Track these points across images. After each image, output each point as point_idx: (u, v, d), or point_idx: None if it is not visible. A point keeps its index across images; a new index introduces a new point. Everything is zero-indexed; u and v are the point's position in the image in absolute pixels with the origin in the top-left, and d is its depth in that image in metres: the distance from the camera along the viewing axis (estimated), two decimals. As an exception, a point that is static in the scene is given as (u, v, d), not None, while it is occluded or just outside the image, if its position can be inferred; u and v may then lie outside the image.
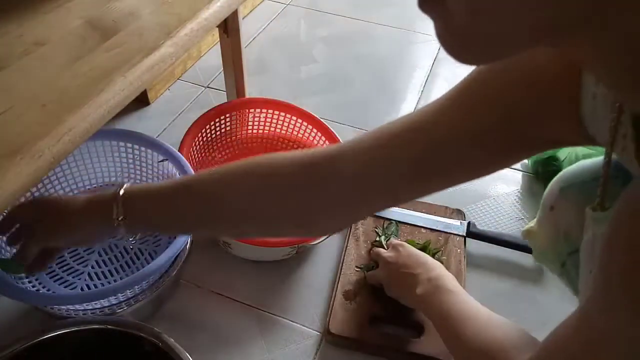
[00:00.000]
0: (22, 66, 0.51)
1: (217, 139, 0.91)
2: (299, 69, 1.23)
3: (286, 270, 0.80)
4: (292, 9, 1.45)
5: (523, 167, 1.00)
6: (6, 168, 0.41)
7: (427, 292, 0.61)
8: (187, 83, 1.16)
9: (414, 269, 0.65)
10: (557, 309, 0.77)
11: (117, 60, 0.53)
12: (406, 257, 0.68)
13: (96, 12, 0.59)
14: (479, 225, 0.88)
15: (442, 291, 0.60)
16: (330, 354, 0.70)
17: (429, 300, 0.60)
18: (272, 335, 0.72)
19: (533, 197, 0.94)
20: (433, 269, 0.64)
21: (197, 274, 0.78)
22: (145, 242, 0.75)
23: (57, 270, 0.70)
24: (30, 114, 0.46)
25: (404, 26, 1.40)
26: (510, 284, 0.80)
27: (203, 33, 0.62)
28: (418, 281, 0.63)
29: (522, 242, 0.78)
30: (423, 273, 0.64)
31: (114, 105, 0.49)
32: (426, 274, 0.63)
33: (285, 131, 0.94)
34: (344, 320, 0.71)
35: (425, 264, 0.65)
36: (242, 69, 0.92)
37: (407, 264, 0.67)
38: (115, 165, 0.80)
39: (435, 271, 0.64)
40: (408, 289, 0.64)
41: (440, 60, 1.28)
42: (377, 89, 1.18)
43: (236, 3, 0.68)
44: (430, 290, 0.61)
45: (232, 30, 0.85)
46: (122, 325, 0.56)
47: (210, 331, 0.72)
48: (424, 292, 0.61)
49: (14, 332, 0.68)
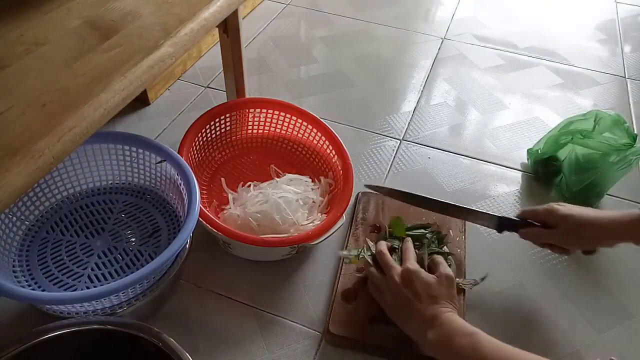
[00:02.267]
0: (22, 66, 0.50)
1: (217, 139, 0.91)
2: (299, 69, 1.23)
3: (286, 270, 0.80)
4: (292, 9, 1.45)
5: (523, 167, 1.01)
6: (6, 168, 0.41)
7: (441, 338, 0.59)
8: (187, 83, 1.16)
9: (425, 305, 0.63)
10: (558, 309, 0.77)
11: (117, 60, 0.53)
12: (419, 288, 0.64)
13: (96, 12, 0.59)
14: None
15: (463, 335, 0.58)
16: (330, 354, 0.70)
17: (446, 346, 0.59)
18: (272, 335, 0.72)
19: (533, 197, 0.95)
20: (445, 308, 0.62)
21: (197, 274, 0.78)
22: (145, 243, 0.75)
23: (57, 273, 0.70)
24: (30, 114, 0.45)
25: (404, 26, 1.40)
26: (511, 283, 0.80)
27: (203, 33, 0.62)
28: (429, 324, 0.61)
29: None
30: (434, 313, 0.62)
31: (114, 105, 0.49)
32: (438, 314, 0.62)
33: (285, 131, 0.94)
34: (343, 320, 0.71)
35: (437, 300, 0.63)
36: (242, 69, 0.92)
37: (420, 296, 0.64)
38: (112, 167, 0.80)
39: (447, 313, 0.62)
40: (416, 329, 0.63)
41: (440, 60, 1.28)
42: (377, 89, 1.18)
43: (236, 3, 0.68)
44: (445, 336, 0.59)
45: (232, 30, 0.85)
46: (122, 326, 0.56)
47: (210, 331, 0.72)
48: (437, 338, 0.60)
49: (14, 332, 0.68)
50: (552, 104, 1.17)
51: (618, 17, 1.52)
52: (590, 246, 0.73)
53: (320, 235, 0.73)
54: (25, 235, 0.74)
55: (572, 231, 0.69)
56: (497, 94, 1.18)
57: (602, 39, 1.41)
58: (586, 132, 0.87)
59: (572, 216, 0.69)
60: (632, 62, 1.32)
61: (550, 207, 0.71)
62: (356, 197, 0.89)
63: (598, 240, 0.71)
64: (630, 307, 0.78)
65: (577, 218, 0.69)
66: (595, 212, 0.69)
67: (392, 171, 0.98)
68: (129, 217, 0.79)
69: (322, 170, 0.89)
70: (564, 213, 0.69)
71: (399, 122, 1.09)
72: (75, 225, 0.77)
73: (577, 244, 0.72)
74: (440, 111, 1.12)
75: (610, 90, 1.22)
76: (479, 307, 0.76)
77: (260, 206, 0.78)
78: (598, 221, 0.68)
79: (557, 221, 0.70)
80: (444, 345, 0.59)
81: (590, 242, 0.72)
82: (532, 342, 0.73)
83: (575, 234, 0.69)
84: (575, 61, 1.31)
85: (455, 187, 0.95)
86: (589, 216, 0.69)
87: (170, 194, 0.80)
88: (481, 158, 1.02)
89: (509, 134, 1.08)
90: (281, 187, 0.82)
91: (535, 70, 1.27)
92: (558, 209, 0.70)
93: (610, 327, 0.75)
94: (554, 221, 0.70)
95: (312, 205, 0.82)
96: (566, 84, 1.23)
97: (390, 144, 1.04)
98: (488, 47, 1.34)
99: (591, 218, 0.69)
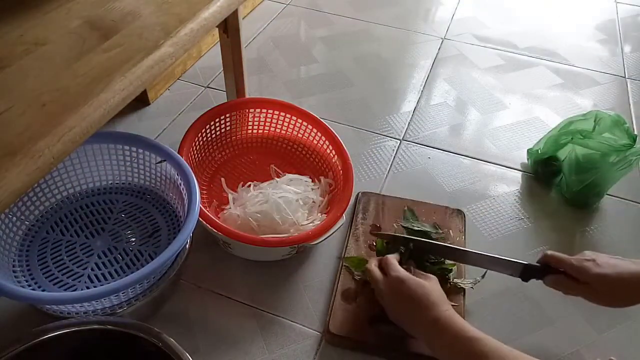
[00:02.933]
0: (22, 66, 0.50)
1: (217, 139, 0.91)
2: (299, 69, 1.23)
3: (286, 270, 0.80)
4: (292, 9, 1.45)
5: (523, 167, 1.01)
6: (6, 168, 0.41)
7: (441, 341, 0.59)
8: (187, 83, 1.16)
9: (419, 313, 0.62)
10: (558, 309, 0.77)
11: (117, 60, 0.53)
12: (410, 296, 0.64)
13: (96, 12, 0.59)
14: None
15: (465, 339, 0.57)
16: (331, 354, 0.70)
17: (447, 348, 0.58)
18: (272, 335, 0.72)
19: (533, 197, 0.95)
20: (440, 313, 0.61)
21: (197, 274, 0.78)
22: (145, 243, 0.75)
23: (56, 273, 0.70)
24: (30, 114, 0.45)
25: (404, 26, 1.40)
26: (511, 283, 0.80)
27: (203, 33, 0.62)
28: (428, 328, 0.61)
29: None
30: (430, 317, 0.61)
31: (114, 105, 0.49)
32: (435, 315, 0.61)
33: (285, 131, 0.94)
34: (343, 320, 0.71)
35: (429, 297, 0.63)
36: (242, 69, 0.92)
37: (413, 302, 0.63)
38: (112, 167, 0.79)
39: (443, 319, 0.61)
40: (415, 329, 0.63)
41: (440, 60, 1.28)
42: (377, 89, 1.18)
43: (236, 3, 0.68)
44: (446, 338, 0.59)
45: (232, 30, 0.85)
46: (122, 326, 0.56)
47: (210, 331, 0.72)
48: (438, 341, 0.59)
49: (14, 332, 0.68)
50: (552, 104, 1.17)
51: (618, 17, 1.52)
52: (625, 305, 0.65)
53: (320, 235, 0.73)
54: (25, 235, 0.74)
55: (606, 293, 0.63)
56: (497, 94, 1.18)
57: (602, 39, 1.41)
58: (586, 133, 0.87)
59: (606, 276, 0.62)
60: (632, 62, 1.32)
61: (580, 265, 0.64)
62: (356, 197, 0.89)
63: (634, 299, 0.63)
64: (630, 307, 0.78)
65: (613, 278, 0.62)
66: (630, 269, 0.62)
67: (392, 171, 0.98)
68: (129, 217, 0.79)
69: (322, 170, 0.89)
70: (597, 273, 0.62)
71: (399, 122, 1.09)
72: (75, 225, 0.77)
73: (610, 303, 0.65)
74: (440, 111, 1.12)
75: (610, 90, 1.22)
76: (479, 308, 0.76)
77: (260, 206, 0.78)
78: (635, 280, 0.61)
79: (590, 280, 0.63)
80: (444, 346, 0.59)
81: (626, 302, 0.64)
82: (532, 343, 0.73)
83: (610, 294, 0.63)
84: (575, 61, 1.31)
85: (455, 187, 0.95)
86: (624, 276, 0.62)
87: (170, 194, 0.80)
88: (481, 158, 1.02)
89: (509, 134, 1.08)
90: (281, 187, 0.82)
91: (535, 70, 1.27)
92: (590, 269, 0.63)
93: (610, 327, 0.75)
94: (585, 279, 0.63)
95: (312, 205, 0.82)
96: (566, 84, 1.23)
97: (390, 144, 1.04)
98: (488, 47, 1.34)
99: (627, 278, 0.62)
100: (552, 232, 0.88)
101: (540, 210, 0.92)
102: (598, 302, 0.64)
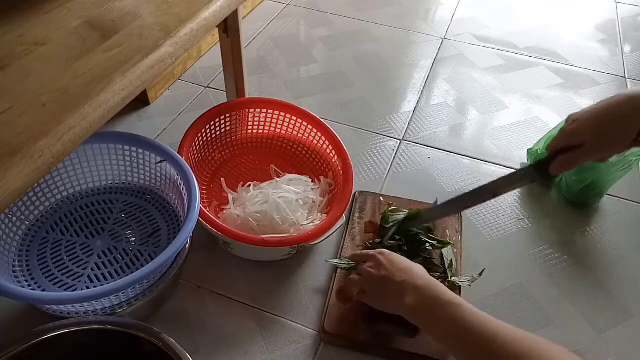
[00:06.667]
0: (22, 66, 0.50)
1: (217, 139, 0.91)
2: (299, 69, 1.23)
3: (286, 270, 0.80)
4: (292, 9, 1.45)
5: (523, 167, 1.00)
6: (6, 168, 0.41)
7: (419, 304, 0.59)
8: (187, 83, 1.16)
9: (398, 277, 0.62)
10: (557, 309, 0.77)
11: (117, 60, 0.53)
12: (388, 265, 0.64)
13: (96, 12, 0.59)
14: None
15: (443, 304, 0.57)
16: (330, 354, 0.70)
17: (426, 313, 0.58)
18: (272, 335, 0.72)
19: (533, 197, 0.95)
20: (419, 276, 0.61)
21: (197, 274, 0.78)
22: (145, 243, 0.75)
23: (56, 273, 0.70)
24: (30, 114, 0.45)
25: (404, 26, 1.40)
26: (511, 283, 0.80)
27: (203, 33, 0.62)
28: (405, 290, 0.60)
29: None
30: (408, 281, 0.61)
31: (114, 105, 0.49)
32: (412, 281, 0.61)
33: (285, 131, 0.94)
34: (338, 319, 0.71)
35: (410, 270, 0.63)
36: (242, 69, 0.92)
37: (390, 271, 0.64)
38: (112, 167, 0.80)
39: (422, 279, 0.61)
40: (394, 299, 0.62)
41: (440, 60, 1.28)
42: (377, 89, 1.18)
43: (236, 3, 0.68)
44: (423, 303, 0.58)
45: (232, 30, 0.85)
46: (122, 326, 0.56)
47: (210, 331, 0.72)
48: (415, 303, 0.59)
49: (14, 332, 0.68)
50: (552, 104, 1.17)
51: (618, 17, 1.52)
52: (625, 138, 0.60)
53: (320, 235, 0.73)
54: (25, 235, 0.74)
55: (600, 135, 0.60)
56: (497, 94, 1.18)
57: (602, 39, 1.41)
58: (586, 132, 0.87)
59: (589, 119, 0.61)
60: (632, 62, 1.32)
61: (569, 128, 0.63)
62: (353, 196, 0.89)
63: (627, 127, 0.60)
64: (630, 307, 0.78)
65: (595, 116, 0.60)
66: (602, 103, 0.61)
67: (392, 171, 0.98)
68: (129, 217, 0.79)
69: (322, 170, 0.89)
70: (581, 121, 0.61)
71: (399, 122, 1.09)
72: (75, 225, 0.77)
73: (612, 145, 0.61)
74: (440, 111, 1.12)
75: (610, 90, 1.22)
76: (478, 307, 0.76)
77: (260, 206, 0.78)
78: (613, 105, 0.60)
79: (581, 133, 0.61)
80: (423, 310, 0.58)
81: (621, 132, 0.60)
82: (532, 342, 0.73)
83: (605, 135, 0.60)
84: (575, 61, 1.31)
85: (455, 187, 0.95)
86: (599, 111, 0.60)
87: (170, 194, 0.80)
88: (481, 158, 1.02)
89: (509, 134, 1.08)
90: (281, 187, 0.82)
91: (535, 70, 1.27)
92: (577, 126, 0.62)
93: (610, 327, 0.75)
94: (578, 138, 0.61)
95: (312, 205, 0.82)
96: (566, 84, 1.23)
97: (390, 144, 1.04)
98: (488, 47, 1.34)
99: (602, 108, 0.60)
100: (552, 232, 0.88)
101: (540, 210, 0.92)
102: (601, 151, 0.62)
